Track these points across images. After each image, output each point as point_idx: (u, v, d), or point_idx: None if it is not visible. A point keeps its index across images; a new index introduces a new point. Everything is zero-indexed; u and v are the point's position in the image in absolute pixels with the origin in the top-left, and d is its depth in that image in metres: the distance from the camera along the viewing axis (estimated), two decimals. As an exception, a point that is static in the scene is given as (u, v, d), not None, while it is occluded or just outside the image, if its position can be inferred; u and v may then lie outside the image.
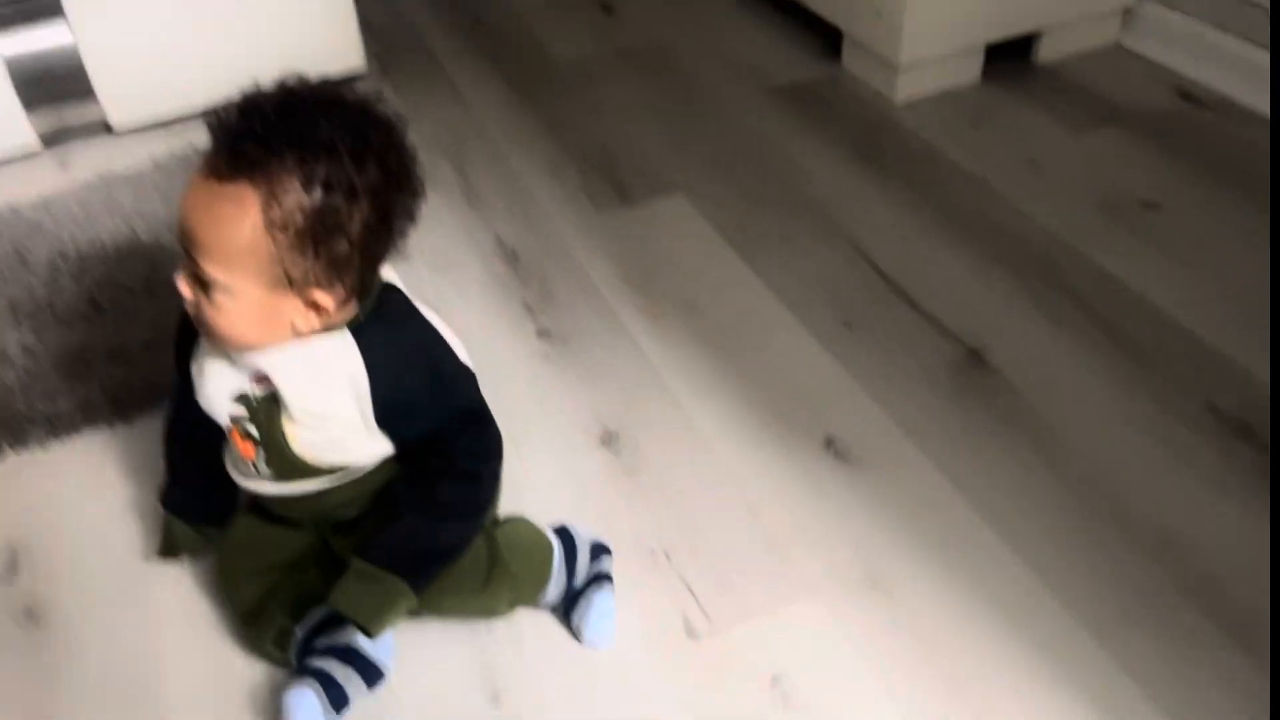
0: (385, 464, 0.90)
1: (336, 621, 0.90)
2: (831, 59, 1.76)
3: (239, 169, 0.74)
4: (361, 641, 0.89)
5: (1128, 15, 1.69)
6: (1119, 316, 1.21)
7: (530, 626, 0.95)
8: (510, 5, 2.03)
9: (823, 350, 1.20)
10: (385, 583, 0.83)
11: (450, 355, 0.88)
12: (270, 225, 0.74)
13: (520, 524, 0.96)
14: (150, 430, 1.18)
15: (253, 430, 0.86)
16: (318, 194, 0.75)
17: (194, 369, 0.88)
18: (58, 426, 1.20)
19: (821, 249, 1.36)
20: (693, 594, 0.96)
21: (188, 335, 0.89)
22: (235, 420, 0.87)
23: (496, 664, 0.93)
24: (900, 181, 1.47)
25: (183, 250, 0.78)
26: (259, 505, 0.97)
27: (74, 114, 1.69)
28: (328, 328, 0.82)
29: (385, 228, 0.80)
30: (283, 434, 0.85)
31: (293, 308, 0.79)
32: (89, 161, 1.66)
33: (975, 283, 1.28)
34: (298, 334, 0.81)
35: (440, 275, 1.35)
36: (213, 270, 0.76)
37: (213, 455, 0.97)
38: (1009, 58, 1.68)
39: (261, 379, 0.84)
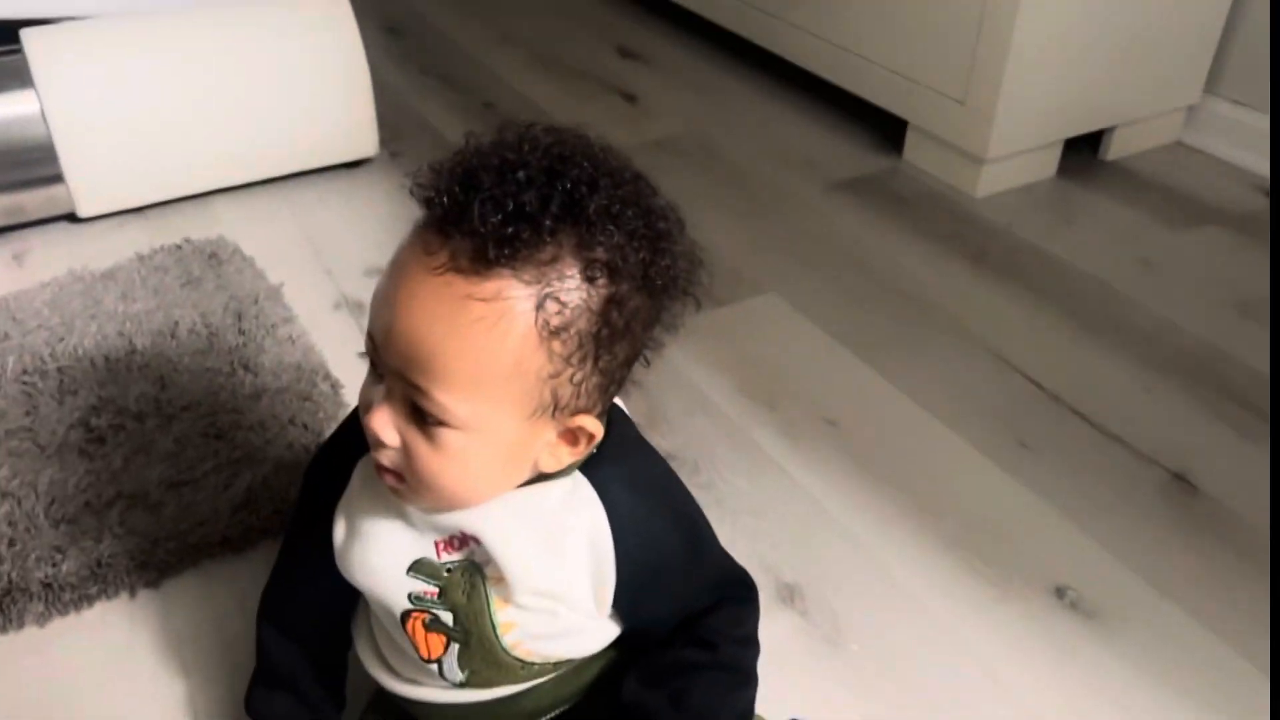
0: (600, 651, 0.68)
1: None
2: (887, 151, 1.65)
3: (499, 259, 0.51)
4: None
5: (1191, 111, 1.65)
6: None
7: None
8: (524, 93, 1.87)
9: (1006, 477, 1.04)
10: None
11: (695, 503, 0.68)
12: (546, 333, 0.52)
13: None
14: (189, 595, 0.92)
15: (446, 618, 0.62)
16: (603, 283, 0.53)
17: (339, 528, 0.64)
18: (60, 598, 0.92)
19: (958, 356, 1.21)
20: None
21: (329, 474, 0.66)
22: (417, 604, 0.63)
23: None
24: (1013, 280, 1.34)
25: (385, 372, 0.55)
26: (393, 709, 0.72)
27: (34, 199, 1.42)
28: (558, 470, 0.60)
29: (654, 324, 0.60)
30: (492, 621, 0.62)
31: (545, 443, 0.57)
32: (53, 254, 1.39)
33: (1144, 395, 1.15)
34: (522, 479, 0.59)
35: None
36: (451, 402, 0.53)
37: (331, 643, 0.73)
38: (1076, 153, 1.60)
39: (459, 542, 0.61)
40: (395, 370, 0.54)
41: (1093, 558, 0.95)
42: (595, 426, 0.57)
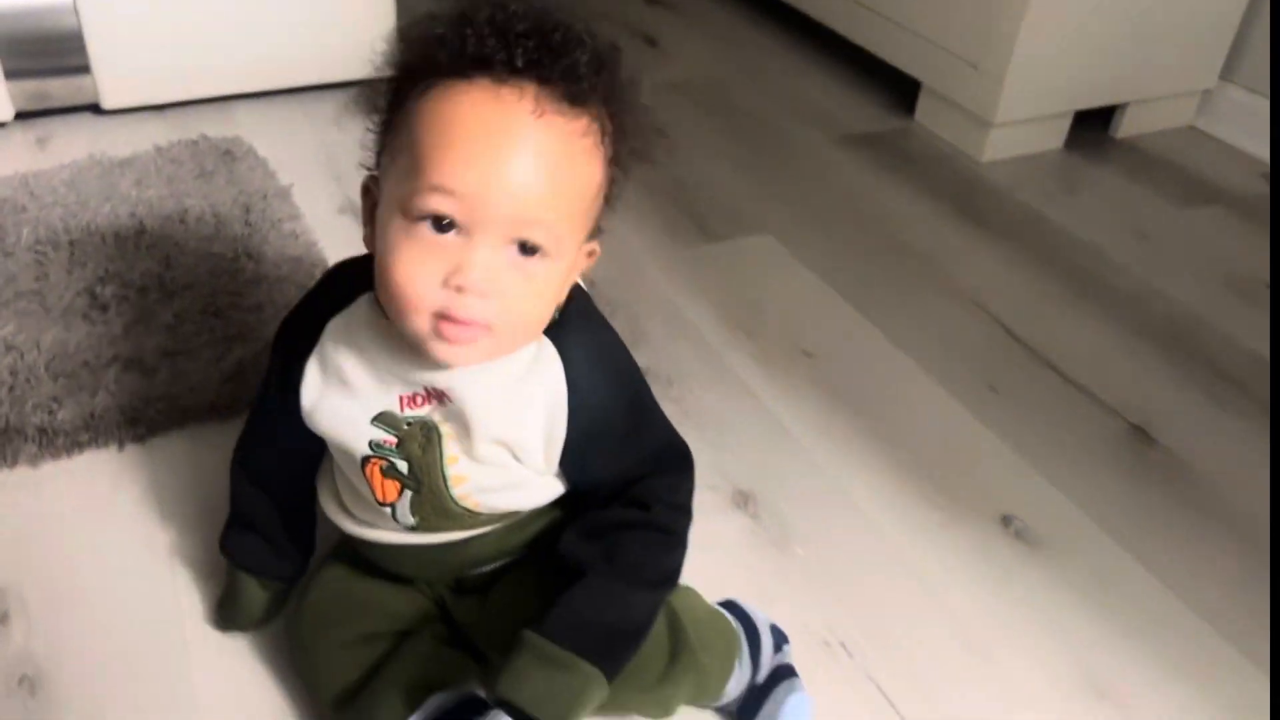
0: (545, 509, 0.71)
1: (463, 715, 0.70)
2: (899, 111, 1.67)
3: (581, 99, 0.58)
4: None
5: (1206, 96, 1.65)
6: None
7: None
8: (546, 27, 1.89)
9: (972, 416, 1.06)
10: (576, 670, 0.63)
11: (640, 374, 0.71)
12: (608, 159, 0.60)
13: (692, 595, 0.77)
14: (173, 454, 0.96)
15: (401, 466, 0.66)
16: (627, 124, 0.61)
17: (309, 381, 0.68)
18: (53, 442, 0.96)
19: (943, 305, 1.23)
20: (888, 699, 0.79)
21: (299, 335, 0.69)
22: (377, 450, 0.66)
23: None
24: (1009, 241, 1.36)
25: (476, 225, 0.56)
26: (353, 554, 0.76)
27: (60, 87, 1.46)
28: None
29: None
30: (443, 473, 0.66)
31: (573, 269, 0.62)
32: (74, 141, 1.43)
33: (1122, 356, 1.17)
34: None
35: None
36: (560, 228, 0.58)
37: (298, 493, 0.77)
38: (1087, 128, 1.61)
39: (423, 398, 0.65)
40: (507, 215, 0.56)
41: (1042, 493, 0.98)
42: (597, 248, 0.64)
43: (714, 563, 0.85)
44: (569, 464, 0.67)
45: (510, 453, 0.66)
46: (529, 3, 0.60)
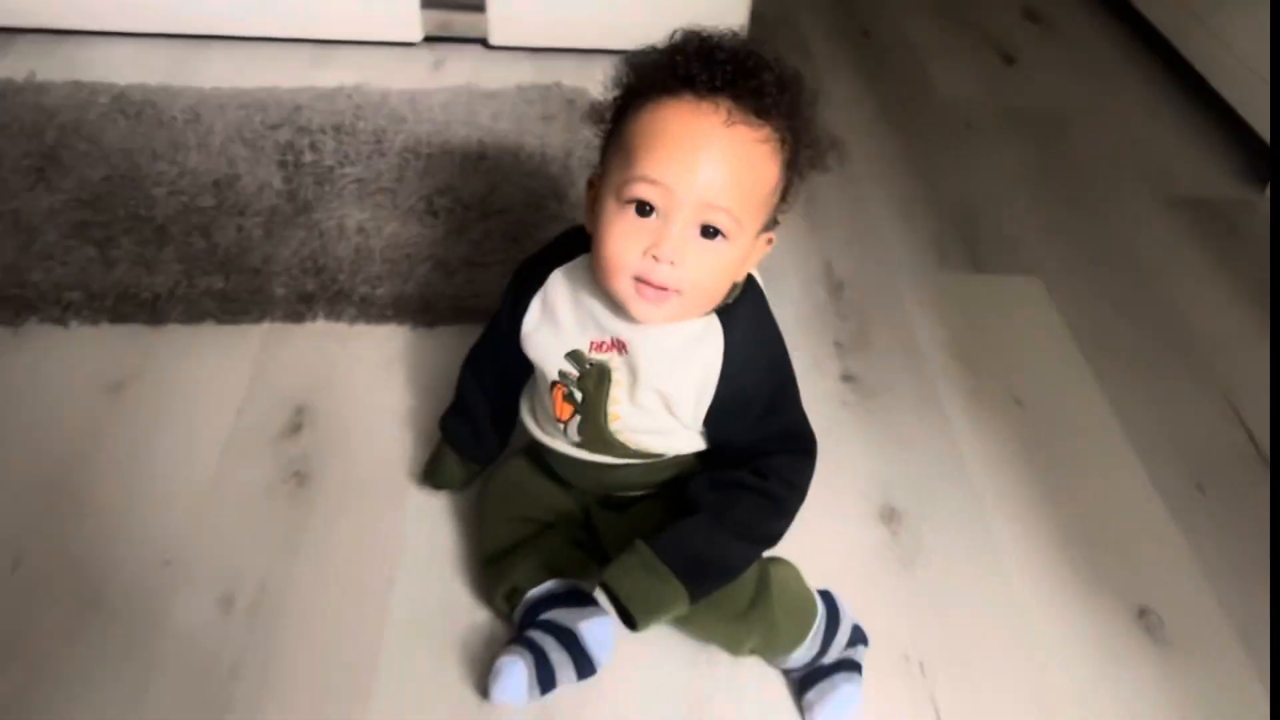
0: (687, 457, 0.85)
1: (568, 600, 0.86)
2: (1251, 181, 1.55)
3: (765, 113, 0.73)
4: (584, 631, 0.84)
5: None
6: None
7: (755, 680, 0.87)
8: (904, 28, 1.93)
9: (1164, 507, 1.04)
10: (669, 583, 0.78)
11: (792, 369, 0.83)
12: (784, 165, 0.75)
13: (792, 570, 0.88)
14: (447, 344, 1.18)
15: (576, 395, 0.83)
16: (804, 136, 0.76)
17: (531, 314, 0.85)
18: (369, 310, 1.23)
19: (1189, 393, 1.19)
20: (937, 713, 0.85)
21: (532, 276, 0.86)
22: (563, 378, 0.83)
23: (709, 705, 0.86)
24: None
25: (673, 210, 0.72)
26: (535, 456, 0.94)
27: (461, 20, 1.75)
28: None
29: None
30: (605, 410, 0.82)
31: (750, 253, 0.77)
32: (460, 68, 1.71)
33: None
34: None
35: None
36: (740, 215, 0.73)
37: (506, 398, 0.95)
38: None
39: (608, 345, 0.81)
40: (696, 202, 0.72)
41: (1197, 597, 0.95)
42: (773, 237, 0.79)
43: (838, 562, 0.94)
44: (711, 423, 0.81)
45: (665, 403, 0.81)
46: (730, 36, 0.75)
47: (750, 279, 0.82)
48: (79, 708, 0.83)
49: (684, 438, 0.84)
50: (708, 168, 0.72)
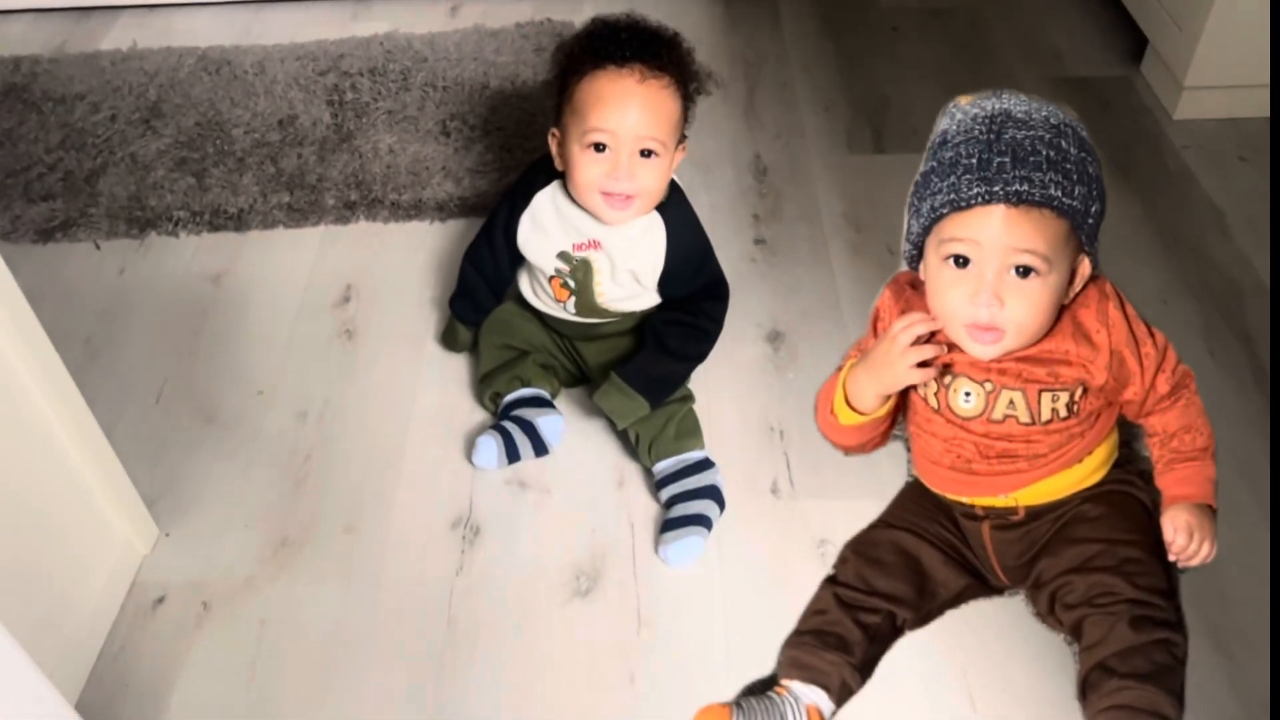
0: (643, 313, 1.26)
1: (532, 402, 1.25)
2: (1129, 61, 1.81)
3: (662, 69, 1.12)
4: (541, 423, 1.23)
5: None
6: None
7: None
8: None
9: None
10: (634, 398, 1.19)
11: (709, 241, 1.24)
12: (684, 99, 1.16)
13: (695, 416, 1.25)
14: (455, 233, 1.56)
15: (571, 283, 1.22)
16: (690, 77, 1.17)
17: (525, 221, 1.23)
18: (397, 212, 1.62)
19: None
20: (788, 466, 1.22)
21: (520, 196, 1.24)
22: (558, 273, 1.22)
23: (629, 477, 1.23)
24: (1137, 194, 1.55)
25: (618, 142, 1.11)
26: (522, 303, 1.32)
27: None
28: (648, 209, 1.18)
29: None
30: (593, 290, 1.21)
31: (673, 163, 1.17)
32: (472, 11, 2.06)
33: (1153, 304, 1.38)
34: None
35: (700, 171, 1.62)
36: (664, 136, 1.13)
37: (498, 282, 1.32)
38: (1314, 99, 1.66)
39: (587, 245, 1.19)
40: (633, 137, 1.11)
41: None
42: (683, 152, 1.19)
43: (736, 367, 1.32)
44: (661, 286, 1.21)
45: (635, 278, 1.20)
46: (628, 17, 1.15)
47: (673, 183, 1.21)
48: (206, 485, 1.25)
49: (646, 299, 1.24)
50: (635, 113, 1.11)
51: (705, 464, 1.19)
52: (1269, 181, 1.55)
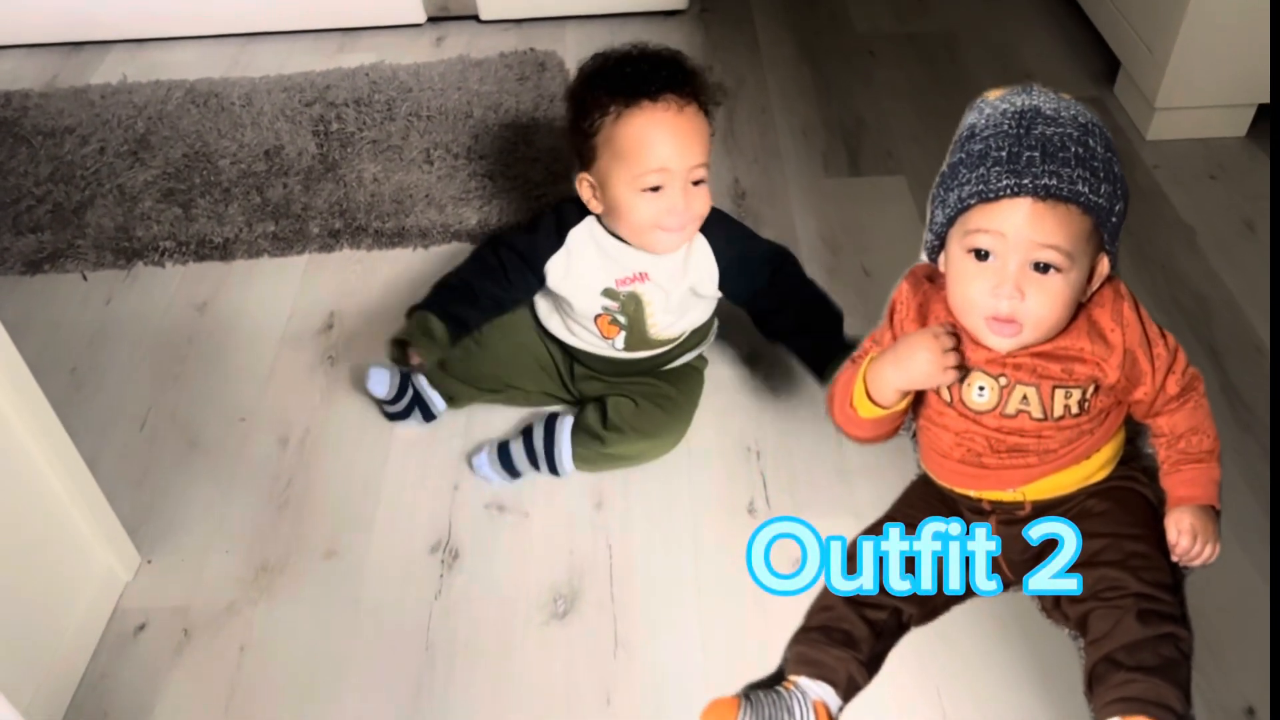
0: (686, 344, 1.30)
1: (430, 378, 1.30)
2: (1103, 83, 1.84)
3: (689, 95, 1.15)
4: (423, 385, 1.30)
5: None
6: (1250, 386, 1.30)
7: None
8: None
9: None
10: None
11: (743, 224, 1.30)
12: (708, 115, 1.18)
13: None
14: (438, 259, 1.59)
15: (622, 319, 1.23)
16: (709, 95, 1.19)
17: (559, 262, 1.23)
18: (381, 239, 1.64)
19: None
20: (764, 485, 1.23)
21: (559, 233, 1.24)
22: (606, 310, 1.23)
23: (606, 489, 1.25)
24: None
25: (677, 173, 1.14)
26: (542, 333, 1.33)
27: (456, 0, 2.12)
28: None
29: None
30: (645, 322, 1.23)
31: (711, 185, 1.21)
32: (457, 42, 2.09)
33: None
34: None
35: (679, 197, 1.65)
36: (707, 160, 1.16)
37: (494, 308, 1.29)
38: (1286, 117, 1.68)
39: (633, 278, 1.21)
40: (686, 170, 1.15)
41: None
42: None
43: (709, 390, 1.33)
44: (732, 284, 1.23)
45: (694, 292, 1.22)
46: (637, 49, 1.17)
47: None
48: (188, 512, 1.26)
49: (699, 310, 1.26)
50: (683, 146, 1.13)
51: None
52: (1241, 199, 1.57)
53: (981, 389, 0.95)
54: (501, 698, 1.06)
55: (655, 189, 1.13)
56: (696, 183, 1.15)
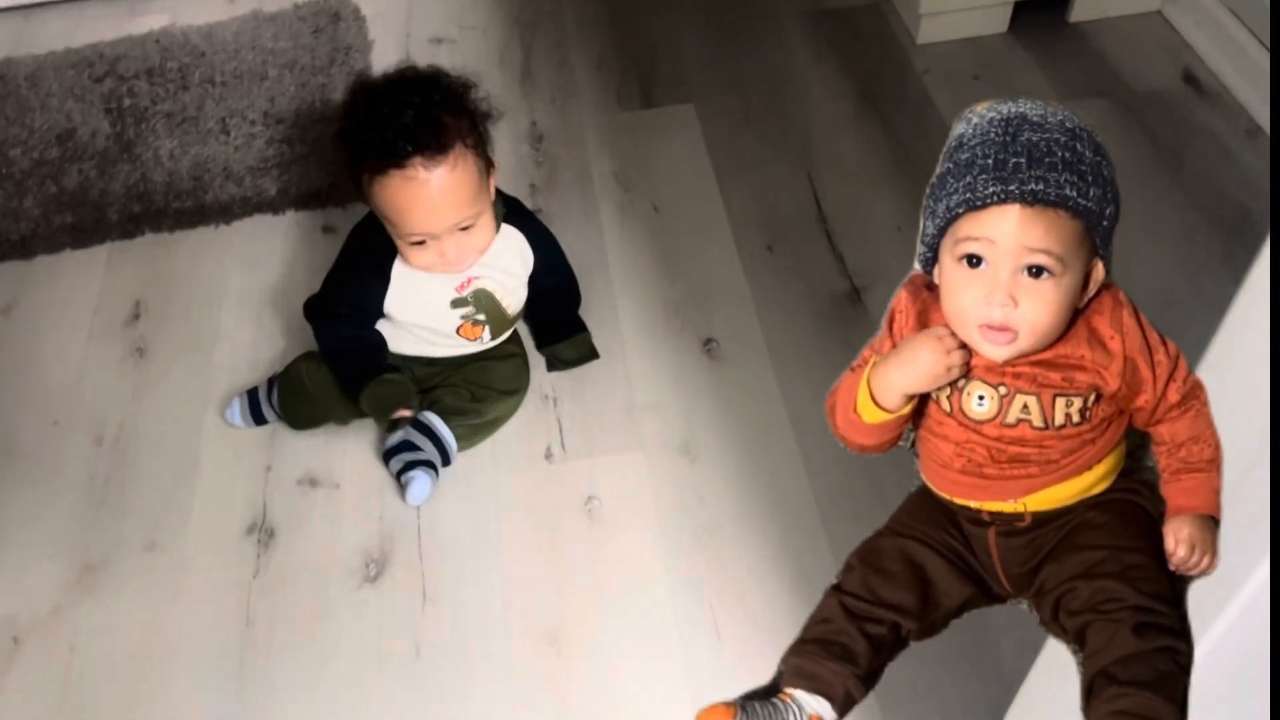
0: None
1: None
2: (885, -13, 1.90)
3: (448, 145, 1.15)
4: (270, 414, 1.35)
5: (1176, -16, 1.74)
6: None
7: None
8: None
9: (741, 268, 1.47)
10: (580, 337, 1.39)
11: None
12: (477, 148, 1.20)
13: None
14: (241, 234, 1.60)
15: (482, 316, 1.28)
16: (478, 127, 1.22)
17: (392, 297, 1.26)
18: (181, 220, 1.64)
19: (783, 176, 1.59)
20: (560, 430, 1.31)
21: (379, 272, 1.25)
22: (465, 318, 1.27)
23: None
24: (880, 122, 1.65)
25: (434, 232, 1.18)
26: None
27: (244, -46, 2.06)
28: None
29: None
30: (500, 307, 1.29)
31: (490, 197, 1.25)
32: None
33: (887, 230, 1.49)
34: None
35: (477, 147, 1.68)
36: (476, 202, 1.19)
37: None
38: (1046, 11, 1.77)
39: (468, 282, 1.26)
40: (450, 226, 1.19)
41: (749, 328, 1.39)
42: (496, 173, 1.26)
43: None
44: (535, 280, 1.31)
45: (518, 279, 1.28)
46: (409, 96, 1.16)
47: (506, 195, 1.31)
48: (8, 520, 1.30)
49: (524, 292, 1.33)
50: (437, 212, 1.16)
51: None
52: (1002, 96, 1.66)
53: (981, 398, 0.94)
54: (318, 662, 1.14)
55: (421, 242, 1.20)
56: (466, 227, 1.19)
